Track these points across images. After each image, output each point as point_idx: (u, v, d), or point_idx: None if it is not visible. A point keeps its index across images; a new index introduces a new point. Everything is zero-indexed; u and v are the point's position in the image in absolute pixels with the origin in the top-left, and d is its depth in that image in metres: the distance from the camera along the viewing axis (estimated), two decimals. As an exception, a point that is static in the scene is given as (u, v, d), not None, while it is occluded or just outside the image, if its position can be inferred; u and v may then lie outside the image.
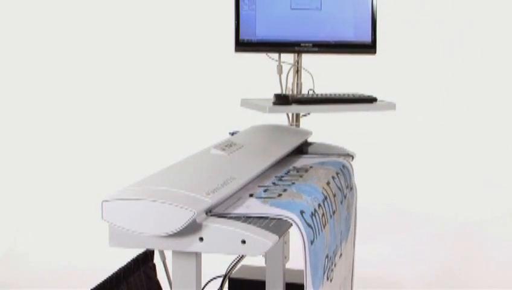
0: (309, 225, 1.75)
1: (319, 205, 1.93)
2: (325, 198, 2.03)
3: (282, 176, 2.16)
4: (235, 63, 3.89)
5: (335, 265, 2.14)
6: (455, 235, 4.49)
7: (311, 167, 2.31)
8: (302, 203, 1.83)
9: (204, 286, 2.49)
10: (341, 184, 2.31)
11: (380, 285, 3.81)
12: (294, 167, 2.30)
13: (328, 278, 1.99)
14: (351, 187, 2.45)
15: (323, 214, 1.94)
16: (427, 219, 4.73)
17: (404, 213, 4.77)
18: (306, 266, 1.71)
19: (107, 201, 1.61)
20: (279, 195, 1.89)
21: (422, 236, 4.51)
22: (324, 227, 1.91)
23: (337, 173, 2.32)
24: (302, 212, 1.76)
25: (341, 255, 2.29)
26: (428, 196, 4.84)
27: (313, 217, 1.82)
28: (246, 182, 1.94)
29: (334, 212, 2.10)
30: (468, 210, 4.70)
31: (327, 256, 1.96)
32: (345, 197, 2.34)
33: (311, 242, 1.74)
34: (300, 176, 2.15)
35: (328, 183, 2.16)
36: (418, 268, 4.02)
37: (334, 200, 2.15)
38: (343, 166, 2.43)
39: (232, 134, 2.52)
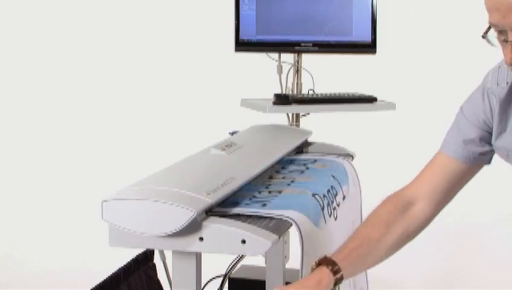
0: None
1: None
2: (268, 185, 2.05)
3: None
4: (235, 63, 3.88)
5: (338, 205, 2.11)
6: (456, 235, 4.49)
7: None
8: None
9: (204, 286, 2.49)
10: (295, 168, 2.31)
11: (380, 285, 3.81)
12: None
13: (330, 215, 1.97)
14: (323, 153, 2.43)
15: (283, 177, 1.99)
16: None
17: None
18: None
19: (107, 201, 1.61)
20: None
21: (423, 236, 4.51)
22: (295, 180, 1.95)
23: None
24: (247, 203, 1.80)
25: (344, 197, 2.26)
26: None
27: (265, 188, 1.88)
28: (245, 182, 1.94)
29: (305, 166, 2.11)
30: (469, 210, 4.70)
31: (315, 194, 1.94)
32: (315, 161, 2.33)
33: (279, 192, 1.76)
34: None
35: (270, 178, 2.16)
36: (418, 268, 4.02)
37: (293, 170, 2.17)
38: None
39: (232, 134, 2.51)
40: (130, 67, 5.03)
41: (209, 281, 2.60)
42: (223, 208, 1.75)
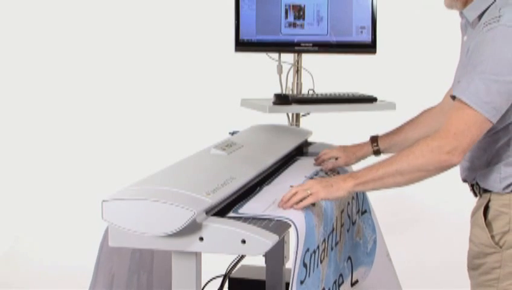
0: (305, 265, 1.74)
1: (324, 240, 1.92)
2: (332, 230, 2.03)
3: (312, 178, 2.12)
4: (235, 63, 3.88)
5: None
6: (458, 235, 4.49)
7: (338, 172, 2.29)
8: (314, 238, 1.81)
9: (204, 286, 2.49)
10: (352, 211, 2.31)
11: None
12: (322, 170, 2.27)
13: None
14: (363, 211, 2.45)
15: (323, 249, 1.93)
16: (429, 219, 4.73)
17: (405, 213, 4.77)
18: None
19: (107, 201, 1.61)
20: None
21: (425, 235, 4.51)
22: (321, 262, 1.91)
23: (353, 198, 2.33)
24: (307, 250, 1.75)
25: (356, 281, 2.28)
26: (429, 196, 4.84)
27: (312, 255, 1.80)
28: (246, 182, 1.94)
29: (336, 244, 2.09)
30: (470, 209, 4.70)
31: (323, 289, 1.94)
32: (354, 223, 2.33)
33: (301, 282, 1.73)
34: None
35: (342, 212, 2.16)
36: (418, 268, 4.02)
37: (341, 231, 2.14)
38: None
39: (232, 134, 2.51)
40: (131, 68, 5.04)
41: (209, 281, 2.60)
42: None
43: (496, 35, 1.81)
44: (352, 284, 2.27)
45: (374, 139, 2.32)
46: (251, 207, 1.79)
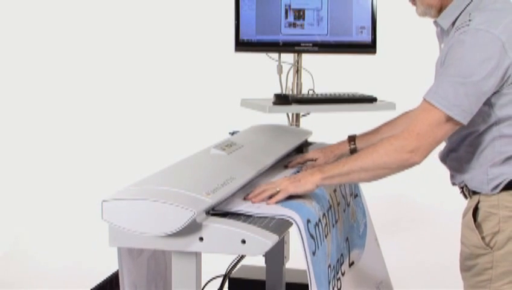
0: (312, 236, 1.75)
1: (324, 215, 1.94)
2: (330, 207, 2.04)
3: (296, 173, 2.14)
4: (235, 63, 3.88)
5: (343, 273, 2.14)
6: (456, 235, 4.49)
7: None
8: (310, 211, 1.83)
9: (204, 286, 2.49)
10: (345, 192, 2.32)
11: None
12: (306, 165, 2.29)
13: (333, 288, 1.99)
14: (355, 195, 2.46)
15: (326, 224, 1.95)
16: (427, 219, 4.73)
17: (404, 213, 4.77)
18: (310, 278, 1.70)
19: (107, 201, 1.61)
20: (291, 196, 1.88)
21: (423, 236, 4.51)
22: (326, 237, 1.92)
23: None
24: (308, 221, 1.76)
25: (352, 263, 2.28)
26: (429, 196, 4.84)
27: (316, 228, 1.82)
28: (246, 181, 1.94)
29: (336, 221, 2.11)
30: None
31: (329, 266, 1.95)
32: (348, 205, 2.34)
33: (313, 253, 1.74)
34: None
35: (334, 191, 2.17)
36: (416, 268, 4.02)
37: (338, 209, 2.15)
38: None
39: (232, 134, 2.51)
40: (131, 68, 5.03)
41: (209, 281, 2.60)
42: (291, 211, 1.75)
43: (465, 39, 1.85)
44: (350, 265, 2.28)
45: (352, 138, 2.35)
46: (232, 203, 1.80)
